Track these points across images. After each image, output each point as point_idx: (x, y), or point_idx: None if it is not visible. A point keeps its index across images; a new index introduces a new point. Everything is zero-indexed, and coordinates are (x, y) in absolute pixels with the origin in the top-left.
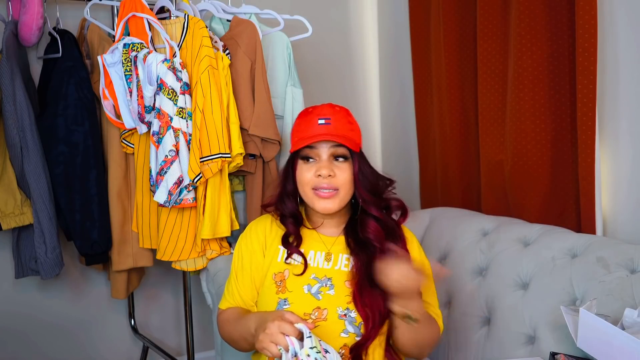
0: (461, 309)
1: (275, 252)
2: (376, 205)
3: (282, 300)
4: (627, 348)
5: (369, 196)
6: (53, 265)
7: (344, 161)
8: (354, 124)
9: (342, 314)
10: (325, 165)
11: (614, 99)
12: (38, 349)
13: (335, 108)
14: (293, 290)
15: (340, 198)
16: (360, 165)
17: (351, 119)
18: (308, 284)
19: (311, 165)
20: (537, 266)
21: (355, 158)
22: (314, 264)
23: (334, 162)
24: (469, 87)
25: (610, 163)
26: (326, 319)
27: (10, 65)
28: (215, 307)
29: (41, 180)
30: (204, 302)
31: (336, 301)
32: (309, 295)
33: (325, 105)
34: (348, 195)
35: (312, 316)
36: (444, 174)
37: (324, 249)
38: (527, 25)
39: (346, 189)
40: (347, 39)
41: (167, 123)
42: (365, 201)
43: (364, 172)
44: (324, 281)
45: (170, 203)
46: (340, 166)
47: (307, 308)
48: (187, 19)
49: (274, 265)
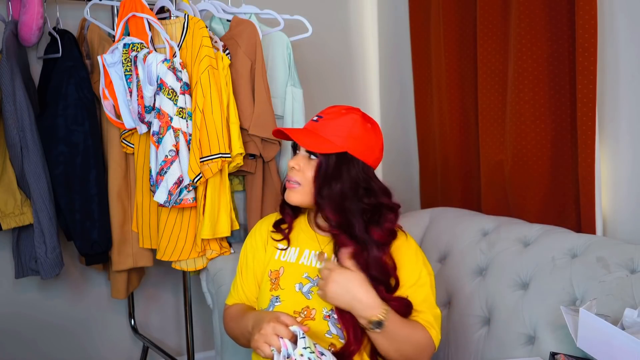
0: (461, 309)
1: (275, 249)
2: (339, 225)
3: (274, 297)
4: (627, 348)
5: (330, 210)
6: (53, 265)
7: (314, 159)
8: (341, 129)
9: (326, 315)
10: (296, 158)
11: (614, 99)
12: (38, 349)
13: (333, 111)
14: (285, 288)
15: (301, 193)
16: (324, 167)
17: (344, 124)
18: (300, 282)
19: (293, 157)
20: (537, 266)
21: (321, 161)
22: (307, 263)
23: (306, 157)
24: (469, 87)
25: (610, 163)
26: (314, 318)
27: (10, 65)
28: (215, 307)
29: (41, 180)
30: (204, 302)
31: (323, 302)
32: (299, 293)
33: (330, 107)
34: (312, 192)
35: (301, 314)
36: (444, 174)
37: (317, 248)
38: (527, 25)
39: (309, 186)
40: (347, 39)
41: (167, 123)
42: (322, 209)
43: (327, 179)
44: (315, 281)
45: (170, 203)
46: (310, 162)
47: (296, 306)
48: (187, 19)
49: (272, 262)
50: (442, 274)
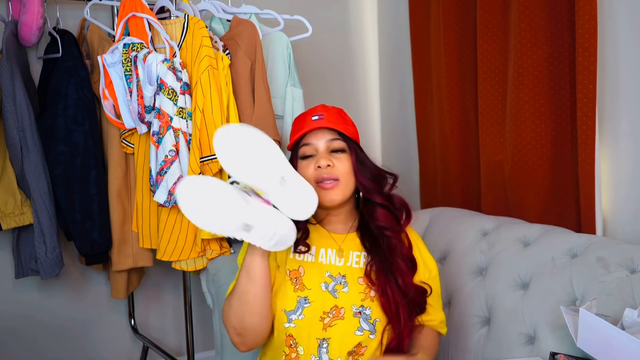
0: (461, 309)
1: (287, 249)
2: (379, 193)
3: (302, 298)
4: (627, 348)
5: (371, 184)
6: (53, 265)
7: (341, 153)
8: (348, 121)
9: (357, 312)
10: (323, 156)
11: (614, 99)
12: (38, 349)
13: (328, 107)
14: (312, 288)
15: (342, 188)
16: (359, 155)
17: (345, 116)
18: (324, 281)
19: (310, 161)
20: (537, 266)
21: (352, 148)
22: (326, 262)
23: (332, 154)
24: (469, 87)
25: (610, 163)
26: (343, 317)
27: (10, 65)
28: (215, 307)
29: (41, 180)
30: (204, 302)
31: (351, 299)
32: (326, 292)
33: (318, 106)
34: (349, 185)
35: (329, 314)
36: (444, 174)
37: (334, 246)
38: (527, 25)
39: (346, 179)
40: (347, 39)
41: (167, 123)
42: (368, 190)
43: (362, 161)
44: (338, 279)
45: (170, 203)
46: (339, 157)
47: (326, 306)
48: (187, 19)
49: (288, 262)
50: (442, 274)
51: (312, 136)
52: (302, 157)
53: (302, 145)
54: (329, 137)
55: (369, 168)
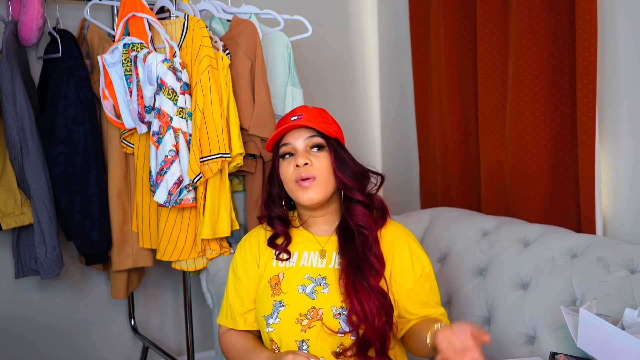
0: (461, 309)
1: (270, 258)
2: (359, 191)
3: (278, 302)
4: (627, 348)
5: (351, 181)
6: (53, 265)
7: (320, 150)
8: (329, 120)
9: (337, 313)
10: (301, 154)
11: (614, 99)
12: (38, 349)
13: (308, 107)
14: (288, 292)
15: (320, 186)
16: (337, 152)
17: (326, 115)
18: (302, 284)
19: (290, 160)
20: (537, 266)
21: (331, 145)
22: (307, 264)
23: (310, 152)
24: (469, 87)
25: (610, 163)
26: (321, 318)
27: (10, 65)
28: (215, 307)
29: (41, 180)
30: (204, 302)
31: (331, 300)
32: (303, 295)
33: (298, 107)
34: (328, 183)
35: (307, 316)
36: (444, 174)
37: (317, 248)
38: (527, 25)
39: (325, 176)
40: (347, 39)
41: (167, 123)
42: (347, 187)
43: (341, 159)
44: (318, 280)
45: (170, 203)
46: (317, 155)
47: (302, 308)
48: (187, 19)
49: (268, 270)
50: (442, 274)
51: (291, 135)
52: (281, 156)
53: (282, 145)
54: (307, 135)
55: (349, 165)
